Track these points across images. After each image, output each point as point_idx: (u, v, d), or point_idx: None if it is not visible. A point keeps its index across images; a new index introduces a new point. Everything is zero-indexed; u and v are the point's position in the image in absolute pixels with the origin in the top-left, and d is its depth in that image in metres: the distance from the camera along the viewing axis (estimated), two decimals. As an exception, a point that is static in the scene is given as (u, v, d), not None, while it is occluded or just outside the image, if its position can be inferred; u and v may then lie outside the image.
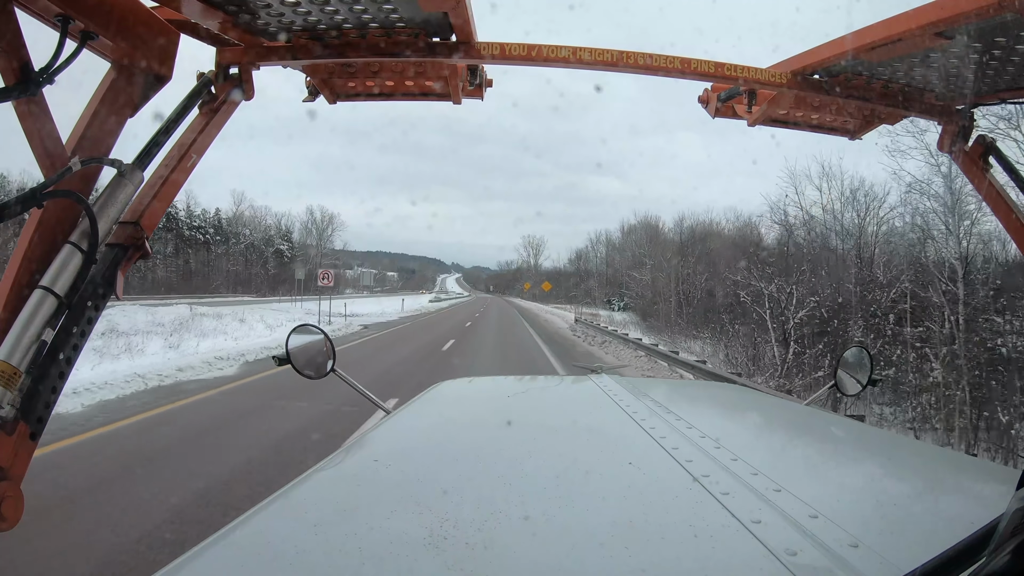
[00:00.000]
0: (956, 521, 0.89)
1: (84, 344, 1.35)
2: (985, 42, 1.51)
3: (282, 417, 7.60)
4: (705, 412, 1.80)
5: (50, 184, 1.28)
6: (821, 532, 0.78)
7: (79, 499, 4.59)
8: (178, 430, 6.97)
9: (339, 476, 1.11)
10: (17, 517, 1.23)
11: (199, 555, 0.79)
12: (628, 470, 1.07)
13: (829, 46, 1.75)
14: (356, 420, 6.89)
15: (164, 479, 5.14)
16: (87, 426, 6.82)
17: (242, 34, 1.66)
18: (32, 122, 1.28)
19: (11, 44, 1.20)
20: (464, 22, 1.63)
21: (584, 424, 1.50)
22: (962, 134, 1.85)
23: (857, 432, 1.59)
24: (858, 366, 2.06)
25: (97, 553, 3.71)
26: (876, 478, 1.17)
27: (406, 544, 0.79)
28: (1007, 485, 1.01)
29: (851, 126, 2.24)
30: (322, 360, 1.99)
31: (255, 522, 0.89)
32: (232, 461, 5.70)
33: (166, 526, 4.12)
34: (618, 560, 0.75)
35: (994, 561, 0.46)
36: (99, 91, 1.46)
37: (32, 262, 1.32)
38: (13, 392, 1.22)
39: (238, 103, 1.71)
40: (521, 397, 1.92)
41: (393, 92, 2.09)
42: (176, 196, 1.63)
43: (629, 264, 53.54)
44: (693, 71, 1.85)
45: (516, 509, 0.90)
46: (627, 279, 51.58)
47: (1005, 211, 1.74)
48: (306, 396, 8.13)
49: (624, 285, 53.95)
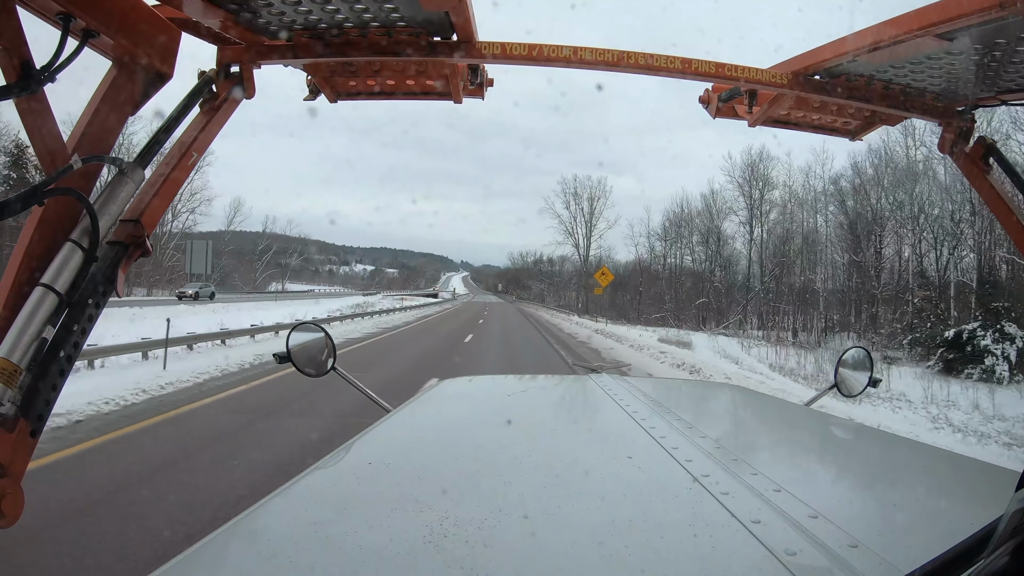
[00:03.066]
0: (955, 521, 0.89)
1: (85, 342, 1.36)
2: (986, 43, 1.51)
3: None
4: (705, 412, 1.80)
5: (51, 181, 1.28)
6: (821, 532, 0.78)
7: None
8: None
9: (339, 474, 1.11)
10: (17, 514, 1.23)
11: (199, 552, 0.79)
12: (628, 469, 1.07)
13: (830, 47, 1.75)
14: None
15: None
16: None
17: (243, 32, 1.66)
18: (33, 120, 1.28)
19: (12, 42, 1.20)
20: (465, 21, 1.63)
21: (584, 423, 1.50)
22: (963, 135, 1.85)
23: (857, 433, 1.59)
24: (858, 366, 2.06)
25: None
26: (876, 478, 1.17)
27: (406, 542, 0.79)
28: (1006, 485, 1.01)
29: (851, 127, 2.24)
30: (323, 359, 1.99)
31: (255, 520, 0.89)
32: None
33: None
34: (617, 559, 0.75)
35: (994, 562, 0.46)
36: (100, 89, 1.46)
37: (33, 260, 1.32)
38: (13, 389, 1.22)
39: (239, 101, 1.71)
40: (521, 396, 1.92)
41: (394, 91, 2.09)
42: (177, 194, 1.63)
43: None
44: (694, 71, 1.85)
45: (516, 508, 0.90)
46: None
47: (1005, 213, 1.74)
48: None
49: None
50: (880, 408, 13.59)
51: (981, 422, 13.34)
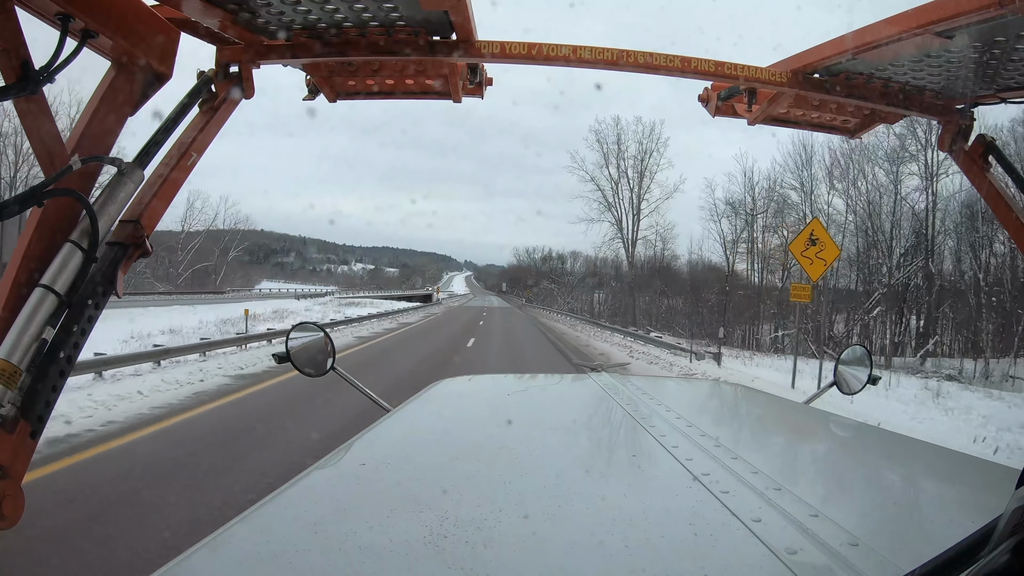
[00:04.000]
0: (955, 520, 0.89)
1: (84, 343, 1.36)
2: (985, 41, 1.51)
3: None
4: (705, 411, 1.81)
5: (50, 182, 1.28)
6: (821, 531, 0.78)
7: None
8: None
9: (339, 475, 1.11)
10: (18, 516, 1.22)
11: (198, 554, 0.79)
12: (628, 468, 1.07)
13: (829, 45, 1.75)
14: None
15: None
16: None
17: (242, 32, 1.66)
18: (32, 120, 1.28)
19: (11, 42, 1.20)
20: (464, 20, 1.63)
21: (584, 422, 1.50)
22: (962, 133, 1.85)
23: (857, 432, 1.59)
24: (858, 364, 2.06)
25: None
26: (876, 478, 1.17)
27: (406, 543, 0.79)
28: (1007, 485, 1.01)
29: (851, 125, 2.24)
30: (322, 358, 1.99)
31: (254, 521, 0.89)
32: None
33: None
34: (618, 558, 0.75)
35: (994, 560, 0.46)
36: (99, 89, 1.46)
37: (32, 261, 1.32)
38: (13, 391, 1.22)
39: (238, 101, 1.71)
40: (521, 395, 1.92)
41: (393, 90, 2.09)
42: (176, 194, 1.63)
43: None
44: (693, 70, 1.85)
45: (516, 507, 0.90)
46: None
47: (1005, 211, 1.74)
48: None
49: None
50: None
51: None
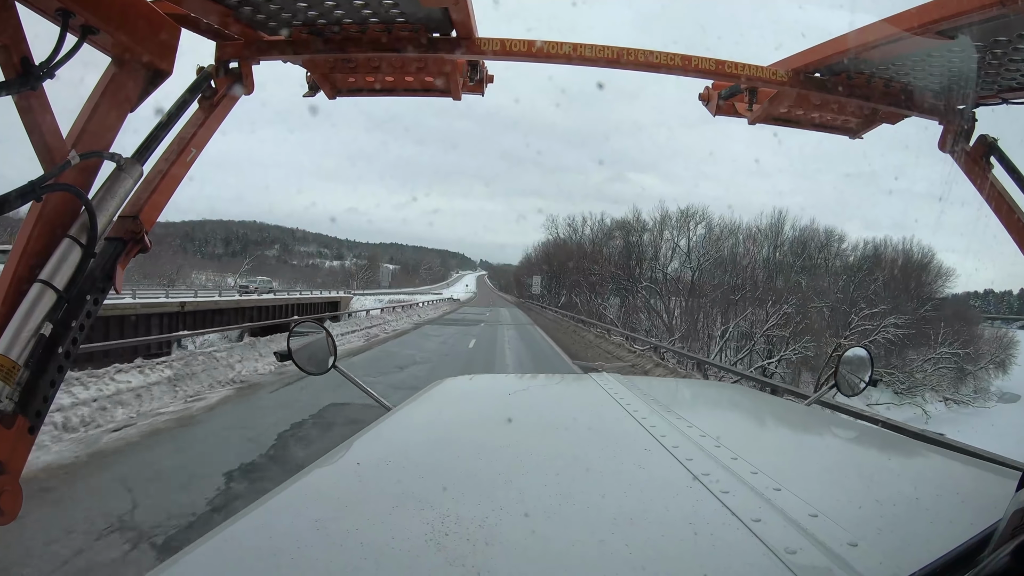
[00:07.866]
0: (956, 521, 0.89)
1: (83, 338, 1.35)
2: (987, 41, 1.50)
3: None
4: (705, 411, 1.81)
5: (49, 178, 1.27)
6: (821, 531, 0.78)
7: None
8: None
9: (340, 472, 1.11)
10: (16, 511, 1.22)
11: (199, 551, 0.79)
12: (628, 468, 1.07)
13: (831, 44, 1.75)
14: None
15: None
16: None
17: (242, 28, 1.66)
18: (32, 116, 1.28)
19: (12, 38, 1.20)
20: (465, 18, 1.62)
21: (585, 422, 1.50)
22: (963, 134, 1.84)
23: (857, 432, 1.59)
24: (858, 365, 2.06)
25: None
26: (876, 478, 1.17)
27: (407, 540, 0.79)
28: (1007, 486, 1.01)
29: (852, 125, 2.24)
30: (323, 357, 1.99)
31: (255, 518, 0.88)
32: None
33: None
34: (618, 557, 0.75)
35: (994, 562, 0.46)
36: (99, 85, 1.45)
37: (31, 256, 1.31)
38: (12, 386, 1.22)
39: (238, 97, 1.71)
40: (522, 395, 1.92)
41: (393, 87, 2.08)
42: (176, 190, 1.62)
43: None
44: (694, 68, 1.85)
45: (517, 506, 0.90)
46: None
47: (1007, 211, 1.74)
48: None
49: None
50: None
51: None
